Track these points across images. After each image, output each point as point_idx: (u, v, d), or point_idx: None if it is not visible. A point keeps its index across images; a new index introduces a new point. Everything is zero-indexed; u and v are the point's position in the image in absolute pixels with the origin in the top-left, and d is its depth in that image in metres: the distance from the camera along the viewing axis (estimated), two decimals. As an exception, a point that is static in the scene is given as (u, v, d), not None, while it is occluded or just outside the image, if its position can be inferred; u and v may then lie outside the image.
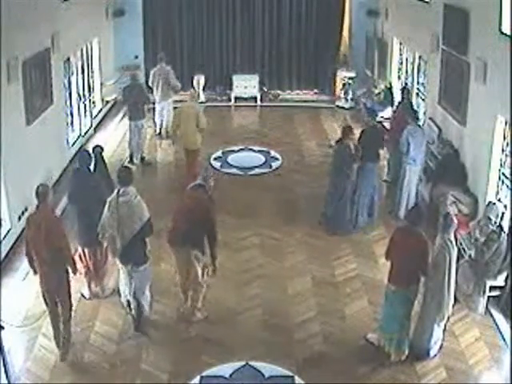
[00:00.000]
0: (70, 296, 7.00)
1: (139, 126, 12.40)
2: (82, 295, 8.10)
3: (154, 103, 13.84)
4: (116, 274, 8.59)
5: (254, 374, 6.80)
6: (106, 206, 7.08)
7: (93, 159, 8.42)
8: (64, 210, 9.78)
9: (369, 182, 9.88)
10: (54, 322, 7.01)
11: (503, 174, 8.93)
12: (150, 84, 13.70)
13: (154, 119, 14.12)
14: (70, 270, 6.92)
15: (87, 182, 7.89)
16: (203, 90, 16.90)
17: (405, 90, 12.30)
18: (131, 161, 12.63)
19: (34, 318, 7.33)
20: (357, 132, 10.34)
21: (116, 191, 7.06)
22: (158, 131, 14.11)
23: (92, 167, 9.95)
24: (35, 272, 6.95)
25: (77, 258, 8.08)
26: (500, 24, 8.63)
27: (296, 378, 6.74)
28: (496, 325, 7.59)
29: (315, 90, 17.36)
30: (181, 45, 17.11)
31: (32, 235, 6.72)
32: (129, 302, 7.36)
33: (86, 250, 7.96)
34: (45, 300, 6.94)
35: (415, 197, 10.13)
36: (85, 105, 14.03)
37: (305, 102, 17.07)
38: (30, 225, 6.78)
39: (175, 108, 12.35)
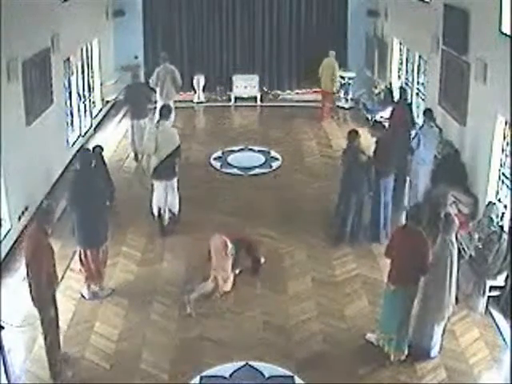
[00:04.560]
0: (49, 320, 6.64)
1: (142, 125, 12.35)
2: (82, 296, 8.10)
3: (155, 102, 13.79)
4: (116, 274, 8.65)
5: (254, 374, 6.80)
6: (147, 132, 9.65)
7: (93, 159, 8.39)
8: (64, 211, 9.77)
9: (386, 196, 9.48)
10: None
11: (503, 173, 8.93)
12: (152, 84, 13.65)
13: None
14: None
15: (89, 182, 7.88)
16: (203, 90, 16.90)
17: (401, 90, 12.28)
18: (136, 158, 12.58)
19: (34, 318, 7.32)
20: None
21: (156, 121, 9.70)
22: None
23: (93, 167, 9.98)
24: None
25: (77, 258, 8.10)
26: (500, 24, 8.63)
27: (296, 377, 6.73)
28: (496, 325, 7.59)
29: (315, 89, 17.31)
30: (181, 45, 17.10)
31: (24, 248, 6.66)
32: (159, 212, 9.60)
33: (88, 251, 7.94)
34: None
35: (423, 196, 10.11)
36: (85, 105, 14.03)
37: (305, 101, 17.07)
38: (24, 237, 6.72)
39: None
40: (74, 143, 12.72)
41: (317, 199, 11.03)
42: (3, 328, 6.32)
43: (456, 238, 6.94)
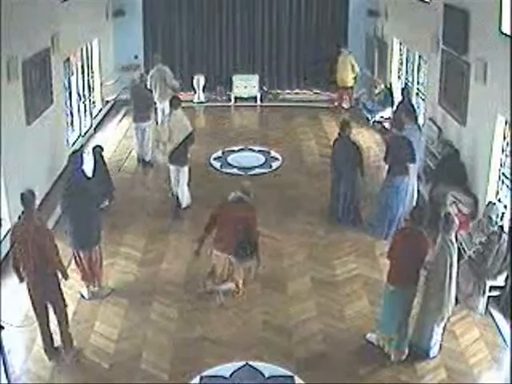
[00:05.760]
0: (63, 298, 6.98)
1: (141, 128, 12.34)
2: (82, 295, 8.10)
3: (154, 104, 13.85)
4: (115, 274, 8.65)
5: (254, 374, 6.80)
6: (160, 123, 11.27)
7: (84, 160, 8.34)
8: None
9: (398, 196, 9.55)
10: (43, 329, 6.93)
11: (503, 173, 8.93)
12: (149, 86, 13.70)
13: (156, 120, 14.13)
14: (60, 277, 6.86)
15: (80, 186, 7.86)
16: (203, 90, 16.91)
17: (405, 89, 12.28)
18: (138, 160, 12.62)
19: (34, 318, 7.31)
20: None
21: (168, 112, 10.65)
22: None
23: (91, 167, 10.01)
24: (21, 280, 6.91)
25: (72, 260, 8.10)
26: (500, 24, 8.63)
27: (296, 378, 6.73)
28: (496, 325, 7.59)
29: (315, 91, 17.37)
30: (181, 45, 17.11)
31: (20, 245, 6.64)
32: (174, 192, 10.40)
33: (81, 253, 7.94)
34: (34, 307, 6.87)
35: (413, 195, 10.13)
36: (85, 105, 14.04)
37: (305, 101, 17.08)
38: (16, 234, 6.70)
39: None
40: (73, 143, 12.72)
41: (317, 199, 11.03)
42: (3, 328, 6.32)
43: (456, 238, 6.94)
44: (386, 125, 14.14)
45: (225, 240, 7.92)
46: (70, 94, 12.97)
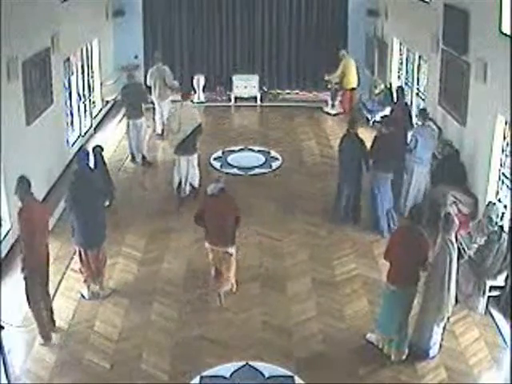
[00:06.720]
0: None
1: (138, 125, 12.38)
2: (82, 295, 8.10)
3: (153, 103, 13.87)
4: (116, 275, 8.65)
5: (254, 374, 6.81)
6: (170, 113, 11.12)
7: (92, 158, 8.38)
8: (64, 210, 9.77)
9: (386, 192, 9.65)
10: (39, 315, 7.14)
11: (503, 173, 8.93)
12: (148, 84, 13.73)
13: (153, 119, 14.14)
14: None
15: (87, 182, 7.87)
16: (203, 90, 16.91)
17: (399, 90, 12.26)
18: (133, 159, 12.64)
19: (31, 315, 7.32)
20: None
21: (180, 103, 10.82)
22: (159, 131, 14.09)
23: (92, 167, 9.99)
24: (23, 271, 7.10)
25: (77, 259, 8.11)
26: (500, 24, 8.64)
27: (296, 378, 6.74)
28: (496, 325, 7.59)
29: (314, 92, 17.35)
30: (181, 45, 17.10)
31: (29, 227, 6.95)
32: (179, 184, 10.68)
33: (89, 252, 7.93)
34: (33, 293, 7.09)
35: (422, 197, 10.11)
36: (85, 105, 14.02)
37: (305, 101, 17.07)
38: (31, 218, 6.97)
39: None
40: (74, 143, 12.71)
41: (317, 199, 11.03)
42: (3, 328, 6.32)
43: (456, 238, 6.94)
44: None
45: (216, 234, 7.88)
46: (70, 94, 12.95)
